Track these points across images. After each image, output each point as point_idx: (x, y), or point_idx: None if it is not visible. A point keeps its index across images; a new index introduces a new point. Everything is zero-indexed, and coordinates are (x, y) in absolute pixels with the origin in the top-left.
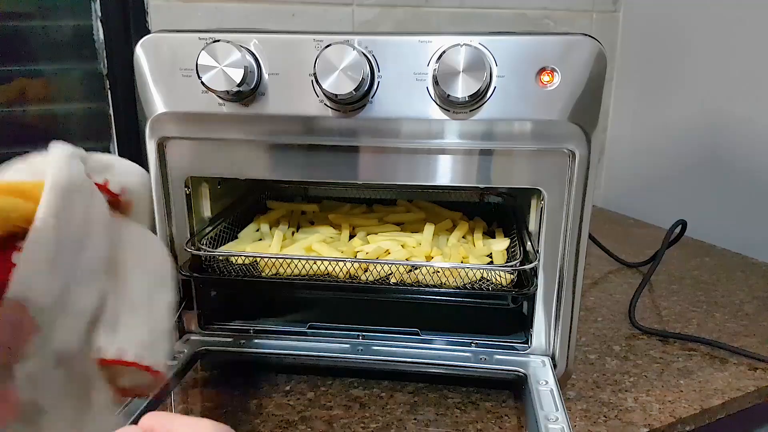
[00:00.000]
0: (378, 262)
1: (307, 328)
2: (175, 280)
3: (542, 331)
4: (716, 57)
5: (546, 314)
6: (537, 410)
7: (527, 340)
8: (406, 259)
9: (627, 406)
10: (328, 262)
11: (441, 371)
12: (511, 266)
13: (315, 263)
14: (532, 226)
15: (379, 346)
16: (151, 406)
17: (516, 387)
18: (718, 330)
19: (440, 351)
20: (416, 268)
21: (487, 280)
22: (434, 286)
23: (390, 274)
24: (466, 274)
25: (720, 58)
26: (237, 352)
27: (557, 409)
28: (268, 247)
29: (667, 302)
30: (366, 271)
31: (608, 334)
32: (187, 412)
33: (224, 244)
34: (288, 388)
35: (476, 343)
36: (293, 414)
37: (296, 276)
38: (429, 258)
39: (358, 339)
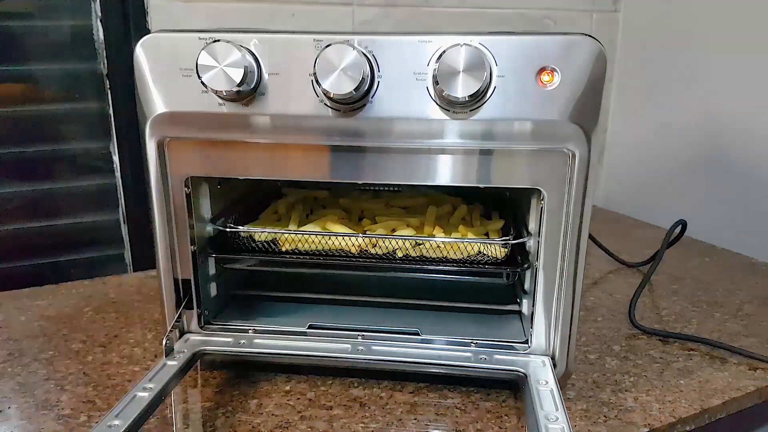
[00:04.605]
0: (386, 237)
1: (307, 328)
2: None
3: (542, 331)
4: (716, 57)
5: (546, 314)
6: (537, 410)
7: (527, 340)
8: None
9: (627, 406)
10: (341, 238)
11: (441, 371)
12: (505, 240)
13: (330, 239)
14: (532, 225)
15: (379, 346)
16: (152, 406)
17: (516, 387)
18: (718, 330)
19: (440, 351)
20: (420, 244)
21: (484, 254)
22: (437, 260)
23: (397, 248)
24: (465, 248)
25: (720, 57)
26: (237, 352)
27: (557, 409)
28: (286, 227)
29: (667, 302)
30: (375, 246)
31: (608, 334)
32: (187, 412)
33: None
34: (288, 388)
35: (476, 343)
36: (293, 414)
37: (312, 252)
38: (431, 235)
39: (358, 339)
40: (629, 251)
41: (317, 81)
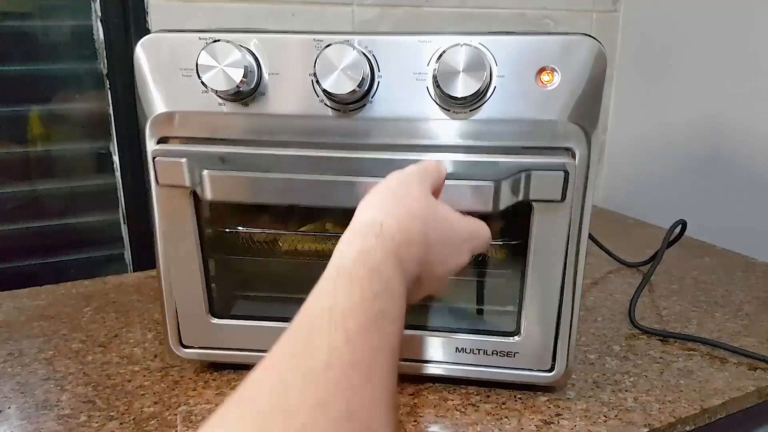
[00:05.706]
0: None
1: None
2: None
3: None
4: (716, 57)
5: None
6: None
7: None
8: None
9: (627, 406)
10: (339, 238)
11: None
12: (503, 240)
13: (329, 239)
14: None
15: None
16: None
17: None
18: (718, 330)
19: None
20: None
21: (484, 255)
22: None
23: None
24: None
25: (720, 57)
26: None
27: None
28: (286, 227)
29: (667, 302)
30: None
31: (608, 334)
32: (187, 413)
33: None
34: None
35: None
36: None
37: (313, 251)
38: None
39: None
40: (629, 251)
41: (317, 81)
